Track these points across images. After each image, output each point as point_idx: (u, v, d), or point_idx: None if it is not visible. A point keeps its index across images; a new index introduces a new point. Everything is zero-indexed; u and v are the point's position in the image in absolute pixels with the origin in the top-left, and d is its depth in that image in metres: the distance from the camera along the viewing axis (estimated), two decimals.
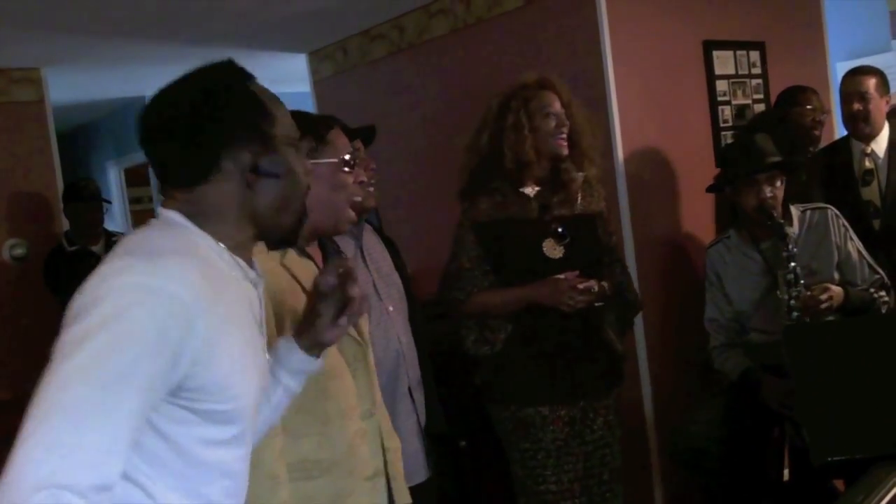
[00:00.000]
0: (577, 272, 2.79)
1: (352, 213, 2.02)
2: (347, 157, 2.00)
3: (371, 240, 2.72)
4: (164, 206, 1.45)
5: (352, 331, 1.97)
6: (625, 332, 3.07)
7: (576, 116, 2.92)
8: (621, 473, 2.96)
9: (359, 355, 2.00)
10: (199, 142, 1.41)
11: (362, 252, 2.61)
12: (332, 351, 1.92)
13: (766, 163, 3.11)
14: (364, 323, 2.08)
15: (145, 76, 6.19)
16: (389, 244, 2.83)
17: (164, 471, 1.34)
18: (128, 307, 1.26)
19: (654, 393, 3.68)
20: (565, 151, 2.88)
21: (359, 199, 2.06)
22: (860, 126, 3.74)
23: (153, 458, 1.33)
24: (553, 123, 2.86)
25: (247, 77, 1.48)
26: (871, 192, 3.74)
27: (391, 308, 2.59)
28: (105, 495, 1.21)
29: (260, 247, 1.94)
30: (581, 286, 2.75)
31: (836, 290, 3.05)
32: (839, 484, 3.10)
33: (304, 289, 1.92)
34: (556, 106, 2.88)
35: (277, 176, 1.46)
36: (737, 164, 3.20)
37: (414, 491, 2.58)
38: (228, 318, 1.38)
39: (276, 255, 1.93)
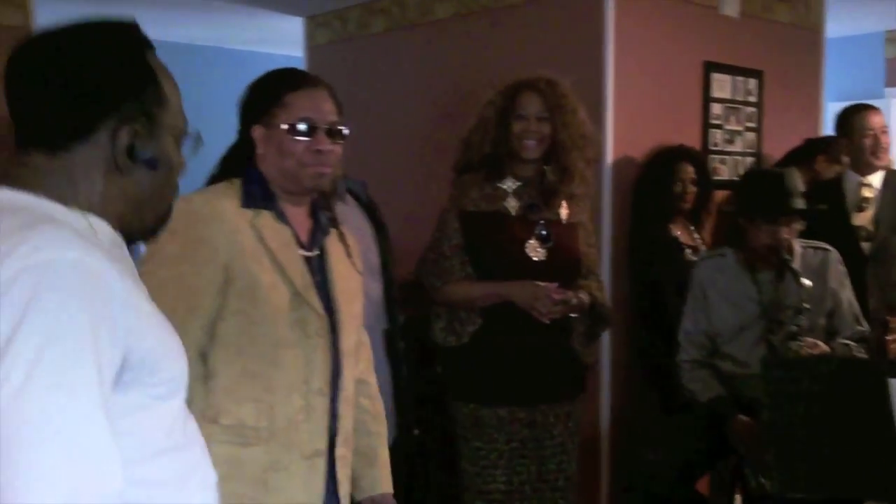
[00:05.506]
0: (556, 284, 2.73)
1: (311, 172, 1.91)
2: (300, 125, 1.89)
3: (348, 213, 2.67)
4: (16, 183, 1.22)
5: (316, 304, 1.89)
6: (591, 345, 3.02)
7: (560, 123, 2.80)
8: (575, 482, 2.93)
9: (321, 330, 1.89)
10: (82, 98, 1.21)
11: None
12: (291, 320, 1.86)
13: (792, 207, 2.98)
14: (342, 295, 1.99)
15: (137, 14, 6.04)
16: (378, 225, 2.81)
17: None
18: (41, 300, 1.06)
19: (612, 406, 3.67)
20: (527, 154, 2.80)
21: (311, 168, 1.91)
22: (883, 157, 3.79)
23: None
24: (521, 125, 2.79)
25: (149, 46, 1.30)
26: (864, 218, 3.77)
27: None
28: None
29: (232, 202, 1.88)
30: (557, 297, 2.70)
31: (824, 348, 2.95)
32: None
33: (272, 255, 1.85)
34: (532, 108, 2.79)
35: (154, 167, 1.27)
36: (762, 200, 3.04)
37: None
38: (132, 279, 1.23)
39: (247, 213, 1.88)
